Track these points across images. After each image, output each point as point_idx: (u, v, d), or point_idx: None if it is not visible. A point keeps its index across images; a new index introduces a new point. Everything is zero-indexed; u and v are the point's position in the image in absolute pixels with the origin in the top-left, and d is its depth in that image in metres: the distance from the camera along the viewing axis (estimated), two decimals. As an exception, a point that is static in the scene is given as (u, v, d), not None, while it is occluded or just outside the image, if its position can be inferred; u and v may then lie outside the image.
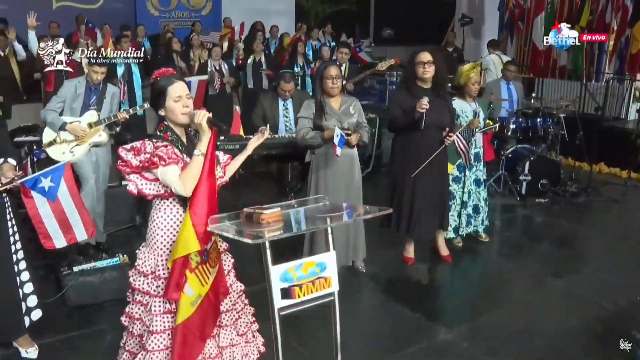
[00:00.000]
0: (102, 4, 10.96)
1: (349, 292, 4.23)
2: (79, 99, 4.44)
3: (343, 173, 4.16)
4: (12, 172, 3.09)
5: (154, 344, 2.60)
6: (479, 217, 5.01)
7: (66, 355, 3.45)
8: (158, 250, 2.61)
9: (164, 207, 2.59)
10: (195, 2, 11.84)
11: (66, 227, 3.42)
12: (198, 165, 2.46)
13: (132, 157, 2.48)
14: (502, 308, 3.99)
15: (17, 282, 3.24)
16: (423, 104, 4.01)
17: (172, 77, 2.57)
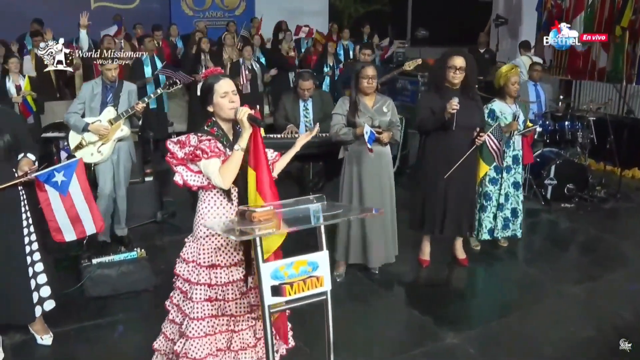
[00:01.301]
0: (138, 4, 11.18)
1: (360, 292, 4.26)
2: (96, 98, 4.57)
3: (375, 169, 4.18)
4: (28, 166, 3.22)
5: (194, 331, 2.71)
6: (517, 221, 4.92)
7: (79, 343, 3.56)
8: (200, 240, 2.71)
9: (208, 198, 2.70)
10: (229, 2, 11.97)
11: (76, 221, 3.53)
12: (237, 159, 2.58)
13: (178, 149, 2.61)
14: (514, 314, 3.92)
15: (30, 272, 3.36)
16: (454, 104, 3.99)
17: (219, 75, 2.71)
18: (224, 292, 2.72)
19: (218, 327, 2.75)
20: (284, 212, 2.57)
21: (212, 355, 2.74)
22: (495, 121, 4.66)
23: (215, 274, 2.70)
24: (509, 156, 4.78)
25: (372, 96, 4.21)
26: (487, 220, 4.84)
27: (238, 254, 2.73)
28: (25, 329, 3.56)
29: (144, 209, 5.54)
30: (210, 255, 2.70)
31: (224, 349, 2.76)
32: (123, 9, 10.66)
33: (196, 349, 2.70)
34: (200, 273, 2.70)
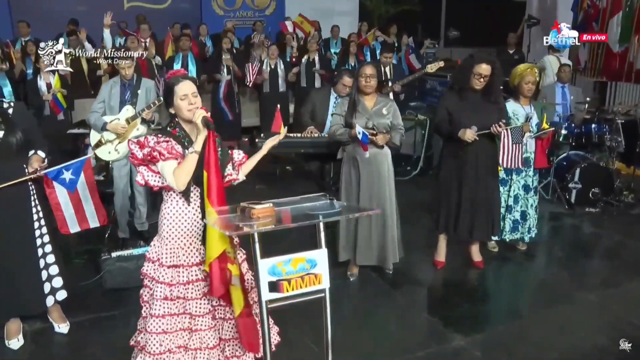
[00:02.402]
0: (169, 4, 11.38)
1: (371, 292, 4.27)
2: (114, 96, 4.68)
3: (371, 171, 4.15)
4: (38, 163, 3.35)
5: (153, 327, 2.78)
6: (526, 225, 4.84)
7: (93, 333, 3.67)
8: (164, 240, 2.77)
9: (170, 199, 2.75)
10: (259, 2, 12.07)
11: (81, 216, 3.68)
12: (191, 161, 2.61)
13: (138, 149, 2.65)
14: (524, 319, 3.87)
15: (42, 263, 3.48)
16: (471, 136, 4.00)
17: (179, 77, 2.74)
18: (185, 290, 2.78)
19: (178, 325, 2.80)
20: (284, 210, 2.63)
21: (172, 352, 2.79)
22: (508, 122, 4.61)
23: (177, 273, 2.76)
24: (518, 158, 4.69)
25: (372, 97, 4.17)
26: None
27: (200, 254, 2.79)
28: (44, 317, 3.70)
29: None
30: (173, 255, 2.76)
31: (183, 347, 2.82)
32: (155, 8, 10.90)
33: (154, 344, 2.77)
34: (162, 272, 2.76)
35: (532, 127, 4.62)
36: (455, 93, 4.27)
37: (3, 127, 3.21)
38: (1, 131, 3.19)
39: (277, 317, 3.00)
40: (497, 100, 4.22)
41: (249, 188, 6.36)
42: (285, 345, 3.14)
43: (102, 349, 3.49)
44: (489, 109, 4.13)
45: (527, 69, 4.61)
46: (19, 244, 3.40)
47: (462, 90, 4.22)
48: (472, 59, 4.18)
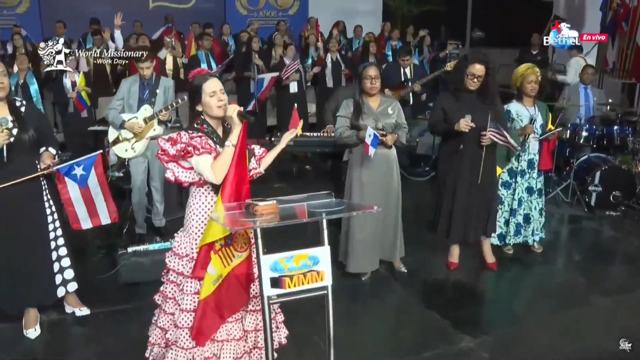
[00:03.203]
0: (194, 4, 11.54)
1: (383, 292, 4.27)
2: (133, 95, 4.76)
3: (380, 173, 4.16)
4: (50, 160, 3.45)
5: (184, 321, 2.81)
6: (529, 228, 4.78)
7: (107, 325, 3.75)
8: (193, 235, 2.81)
9: (199, 194, 2.79)
10: (282, 1, 12.16)
11: (93, 212, 3.77)
12: (228, 155, 2.66)
13: (169, 146, 2.70)
14: (535, 322, 3.82)
15: (54, 255, 3.59)
16: (466, 124, 3.97)
17: (206, 76, 2.79)
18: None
19: None
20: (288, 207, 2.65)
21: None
22: (511, 123, 4.56)
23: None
24: (524, 160, 4.66)
25: (376, 97, 4.15)
26: (497, 225, 4.69)
27: None
28: (60, 308, 3.81)
29: (183, 202, 5.72)
30: None
31: (211, 339, 2.84)
32: (180, 8, 11.06)
33: (185, 339, 2.80)
34: (192, 267, 2.78)
35: (536, 129, 4.57)
36: (451, 94, 4.25)
37: (16, 125, 3.31)
38: (15, 129, 3.30)
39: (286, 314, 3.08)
40: (493, 101, 4.18)
41: (267, 186, 6.48)
42: (293, 341, 3.18)
43: (115, 340, 3.57)
44: (485, 110, 4.07)
45: (527, 69, 4.55)
46: (33, 237, 3.50)
47: (457, 91, 4.20)
48: (465, 60, 4.16)
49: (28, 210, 3.46)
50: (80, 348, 3.53)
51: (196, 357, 2.84)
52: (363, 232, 4.20)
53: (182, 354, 2.83)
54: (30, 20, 10.10)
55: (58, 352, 3.46)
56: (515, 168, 4.66)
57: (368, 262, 4.30)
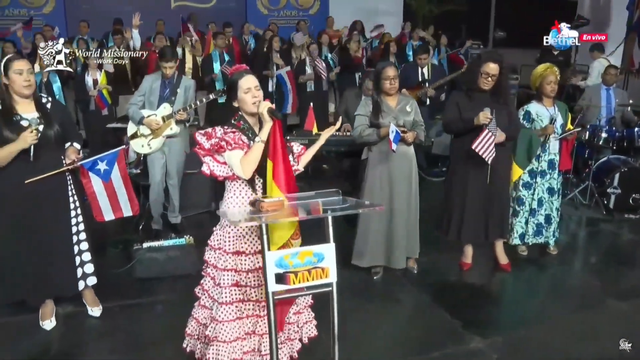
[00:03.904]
0: (215, 3, 11.63)
1: (394, 291, 4.27)
2: (154, 92, 4.82)
3: (399, 170, 4.16)
4: (74, 155, 3.53)
5: (224, 315, 2.85)
6: (550, 228, 4.73)
7: (121, 319, 3.82)
8: (226, 228, 2.86)
9: (234, 188, 2.85)
10: (303, 1, 12.18)
11: (115, 204, 3.84)
12: (257, 151, 2.71)
13: (205, 140, 2.78)
14: (548, 324, 3.78)
15: (76, 249, 3.66)
16: (487, 116, 3.94)
17: (243, 72, 2.86)
18: (248, 278, 2.84)
19: (245, 312, 2.87)
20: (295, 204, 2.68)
21: (241, 338, 2.87)
22: (531, 124, 4.52)
23: (240, 261, 2.83)
24: (544, 160, 4.60)
25: (394, 96, 4.18)
26: (518, 225, 4.69)
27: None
28: (77, 301, 3.88)
29: (200, 199, 5.81)
30: (235, 242, 2.83)
31: (251, 333, 2.89)
32: (201, 7, 11.16)
33: (226, 333, 2.84)
34: (227, 259, 2.83)
35: (556, 129, 4.51)
36: (464, 94, 4.23)
37: (42, 121, 3.39)
38: (41, 125, 3.37)
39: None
40: (506, 101, 4.15)
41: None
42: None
43: (128, 334, 3.64)
44: (498, 111, 4.04)
45: (546, 69, 4.49)
46: (57, 231, 3.58)
47: (470, 91, 4.18)
48: (479, 59, 4.14)
49: (53, 203, 3.53)
50: (93, 341, 3.60)
51: (236, 351, 2.88)
52: (378, 226, 4.23)
53: (224, 349, 2.86)
54: (56, 20, 10.29)
55: (72, 344, 3.53)
56: (535, 168, 4.62)
57: (381, 256, 4.31)
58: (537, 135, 4.50)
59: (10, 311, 3.86)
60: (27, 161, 3.33)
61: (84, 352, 3.45)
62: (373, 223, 4.24)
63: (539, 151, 4.56)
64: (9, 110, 3.35)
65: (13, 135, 3.28)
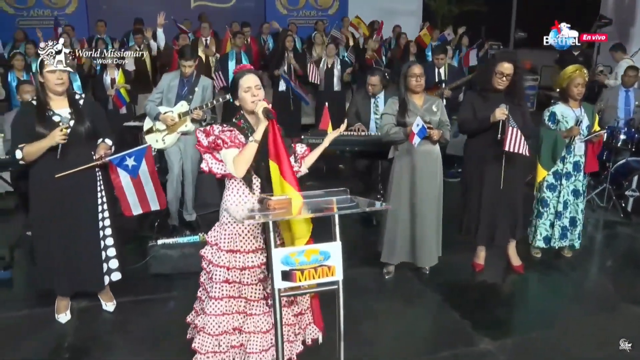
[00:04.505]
0: (234, 3, 11.72)
1: (406, 291, 4.28)
2: (172, 90, 4.89)
3: (425, 169, 4.16)
4: (104, 150, 3.61)
5: (212, 309, 2.92)
6: (575, 231, 4.68)
7: (134, 314, 3.88)
8: (224, 225, 2.91)
9: (232, 186, 2.89)
10: (322, 1, 12.20)
11: (143, 199, 3.94)
12: (250, 150, 2.73)
13: (204, 137, 2.82)
14: (558, 327, 3.74)
15: (102, 245, 3.74)
16: (503, 111, 3.93)
17: (245, 71, 2.90)
18: (241, 275, 2.88)
19: (235, 308, 2.92)
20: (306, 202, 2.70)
21: (228, 333, 2.92)
22: (556, 125, 4.48)
23: (234, 258, 2.86)
24: (569, 162, 4.55)
25: (421, 95, 4.18)
26: (542, 228, 4.66)
27: (257, 241, 2.88)
28: (91, 296, 3.95)
29: (215, 197, 5.84)
30: (230, 240, 2.87)
31: (238, 329, 2.93)
32: (220, 7, 11.26)
33: (212, 326, 2.90)
34: (220, 256, 2.88)
35: (582, 130, 4.46)
36: (478, 95, 4.21)
37: (74, 117, 3.49)
38: (72, 120, 3.47)
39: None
40: (521, 102, 4.12)
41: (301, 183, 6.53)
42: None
43: (141, 329, 3.70)
44: (512, 112, 4.00)
45: (575, 71, 4.42)
46: (84, 225, 3.66)
47: (484, 92, 4.16)
48: (494, 59, 4.12)
49: (82, 198, 3.61)
50: (107, 334, 3.67)
51: (222, 344, 2.94)
52: (404, 225, 4.24)
53: (208, 340, 2.93)
54: (78, 20, 10.50)
55: (86, 337, 3.60)
56: (560, 170, 4.57)
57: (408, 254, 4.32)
58: (562, 136, 4.46)
59: (28, 304, 3.98)
60: (55, 157, 3.42)
61: (97, 346, 3.51)
62: (399, 221, 4.25)
63: (563, 153, 4.52)
64: (43, 107, 3.47)
65: (45, 130, 3.38)
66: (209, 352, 2.92)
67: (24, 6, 10.61)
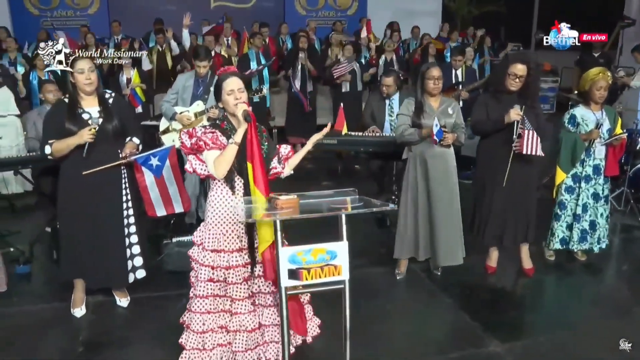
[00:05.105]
0: (254, 3, 11.81)
1: (417, 291, 4.29)
2: (188, 90, 4.96)
3: (437, 171, 4.16)
4: (130, 149, 3.70)
5: (197, 307, 2.98)
6: (595, 235, 4.62)
7: (147, 310, 3.95)
8: (209, 225, 2.97)
9: (216, 187, 2.95)
10: (341, 2, 12.23)
11: (167, 200, 4.02)
12: (230, 152, 2.79)
13: (187, 139, 2.87)
14: (570, 331, 3.72)
15: (127, 242, 3.81)
16: (517, 112, 3.92)
17: (228, 74, 2.94)
18: (226, 275, 2.93)
19: (220, 306, 2.97)
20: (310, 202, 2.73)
21: (213, 331, 2.98)
22: (576, 128, 4.44)
23: (219, 257, 2.92)
24: (589, 165, 4.51)
25: (437, 98, 4.18)
26: (559, 230, 4.62)
27: (241, 241, 2.93)
28: (106, 291, 4.04)
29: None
30: (215, 240, 2.92)
31: (224, 327, 2.99)
32: (240, 8, 11.35)
33: (196, 323, 2.96)
34: (205, 255, 2.93)
35: (602, 134, 4.42)
36: (491, 96, 4.19)
37: (102, 116, 3.59)
38: (100, 119, 3.57)
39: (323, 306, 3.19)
40: (534, 104, 4.07)
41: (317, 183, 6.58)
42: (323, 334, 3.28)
43: (154, 325, 3.75)
44: (526, 114, 3.97)
45: (599, 74, 4.36)
46: (109, 222, 3.74)
47: (497, 93, 4.14)
48: (507, 60, 4.09)
49: (106, 195, 3.70)
50: (120, 329, 3.73)
51: (207, 342, 2.99)
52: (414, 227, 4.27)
53: (193, 337, 3.00)
54: (100, 21, 10.68)
55: (101, 331, 3.68)
56: (579, 173, 4.54)
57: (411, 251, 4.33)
58: (582, 139, 4.42)
59: (45, 298, 4.09)
60: (81, 154, 3.51)
61: (111, 340, 3.58)
62: (411, 221, 4.27)
63: (583, 156, 4.48)
64: (74, 105, 3.58)
65: (74, 127, 3.49)
66: (194, 349, 2.99)
67: (47, 7, 10.83)
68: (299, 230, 3.06)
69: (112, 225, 3.74)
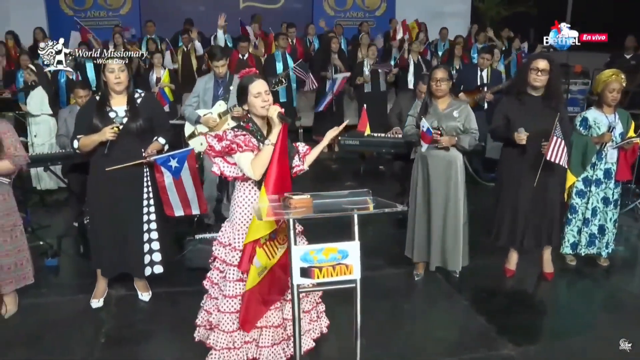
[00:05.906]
0: (283, 4, 11.89)
1: (433, 293, 4.31)
2: (208, 92, 5.04)
3: (437, 173, 4.17)
4: (152, 149, 3.82)
5: (226, 307, 3.04)
6: (603, 239, 4.58)
7: (167, 305, 4.06)
8: (236, 225, 3.03)
9: (243, 188, 3.00)
10: (370, 2, 12.21)
11: (185, 201, 4.11)
12: (267, 153, 2.84)
13: (216, 142, 2.93)
14: (585, 337, 3.69)
15: (146, 237, 3.92)
16: (521, 137, 3.92)
17: (253, 77, 2.99)
18: None
19: None
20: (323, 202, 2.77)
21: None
22: (588, 131, 4.39)
23: None
24: (600, 169, 4.46)
25: (445, 99, 4.17)
26: (570, 234, 4.58)
27: None
28: (129, 286, 4.17)
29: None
30: (243, 239, 2.95)
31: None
32: (269, 8, 11.44)
33: (227, 323, 3.02)
34: (234, 255, 2.99)
35: (615, 137, 4.36)
36: (514, 98, 4.17)
37: (128, 115, 3.72)
38: (125, 118, 3.70)
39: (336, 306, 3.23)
40: (557, 106, 4.02)
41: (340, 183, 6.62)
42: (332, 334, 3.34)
43: (172, 319, 3.85)
44: (550, 115, 3.93)
45: (612, 75, 4.31)
46: (130, 216, 3.86)
47: (520, 95, 4.11)
48: (529, 58, 4.11)
49: (128, 191, 3.82)
50: (141, 323, 3.84)
51: (237, 341, 3.05)
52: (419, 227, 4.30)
53: (223, 337, 3.04)
54: (132, 21, 10.91)
55: (121, 325, 3.80)
56: (590, 177, 4.50)
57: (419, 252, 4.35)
58: (593, 142, 4.37)
59: (71, 291, 4.25)
60: (104, 151, 3.65)
61: (132, 333, 3.69)
62: (416, 221, 4.31)
63: (594, 159, 4.44)
64: (103, 102, 3.73)
65: (100, 124, 3.63)
66: (223, 349, 3.04)
67: (81, 7, 11.11)
68: (316, 231, 3.14)
69: (132, 219, 3.86)
